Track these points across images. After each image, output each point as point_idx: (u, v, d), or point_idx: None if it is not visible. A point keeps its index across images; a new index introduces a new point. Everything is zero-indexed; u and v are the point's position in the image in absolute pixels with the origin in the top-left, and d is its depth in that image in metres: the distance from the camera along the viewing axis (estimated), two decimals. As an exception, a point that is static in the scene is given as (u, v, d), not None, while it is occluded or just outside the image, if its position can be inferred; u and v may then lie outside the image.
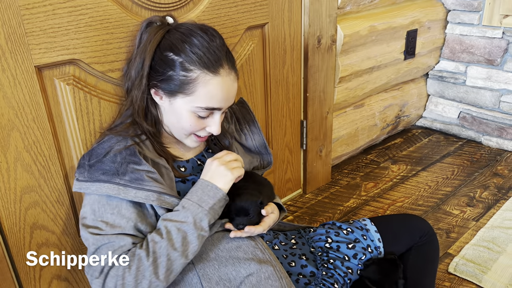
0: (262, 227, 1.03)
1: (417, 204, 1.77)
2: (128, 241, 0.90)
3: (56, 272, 1.15)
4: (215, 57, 0.93)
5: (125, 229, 0.90)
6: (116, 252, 0.89)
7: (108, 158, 0.92)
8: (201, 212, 0.91)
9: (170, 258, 0.88)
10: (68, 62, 1.01)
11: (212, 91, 0.94)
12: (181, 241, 0.89)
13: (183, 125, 0.98)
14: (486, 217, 1.66)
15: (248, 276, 0.95)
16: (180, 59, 0.92)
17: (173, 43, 0.94)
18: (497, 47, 2.08)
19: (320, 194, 1.87)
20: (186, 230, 0.90)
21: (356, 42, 1.82)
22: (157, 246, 0.88)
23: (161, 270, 0.87)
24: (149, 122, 1.00)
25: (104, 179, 0.90)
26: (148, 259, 0.87)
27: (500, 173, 1.99)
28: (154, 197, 0.91)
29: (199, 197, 0.93)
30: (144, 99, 0.98)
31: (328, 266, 1.11)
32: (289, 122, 1.68)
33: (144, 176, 0.91)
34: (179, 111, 0.96)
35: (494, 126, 2.21)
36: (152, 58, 0.95)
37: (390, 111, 2.26)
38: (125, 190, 0.89)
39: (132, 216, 0.91)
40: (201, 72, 0.92)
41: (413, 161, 2.12)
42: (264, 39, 1.45)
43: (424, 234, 1.24)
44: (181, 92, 0.94)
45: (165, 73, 0.94)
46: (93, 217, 0.91)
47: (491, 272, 1.38)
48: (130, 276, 0.86)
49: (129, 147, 0.94)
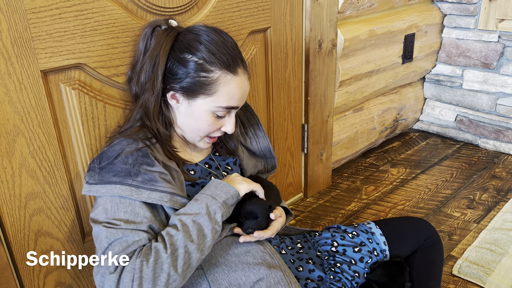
0: (271, 231, 1.03)
1: (418, 207, 1.77)
2: (143, 236, 0.87)
3: (60, 279, 1.13)
4: (233, 57, 0.95)
5: (140, 226, 0.88)
6: (132, 247, 0.85)
7: (120, 160, 0.91)
8: (215, 204, 0.91)
9: (188, 250, 0.86)
10: (73, 66, 1.00)
11: (232, 91, 0.96)
12: (197, 233, 0.88)
13: (201, 126, 0.99)
14: (487, 219, 1.67)
15: (258, 281, 0.94)
16: (200, 60, 0.93)
17: (189, 44, 0.94)
18: (493, 51, 2.11)
19: (321, 198, 1.87)
20: (201, 222, 0.89)
21: (356, 46, 1.83)
22: (173, 238, 0.86)
23: (179, 263, 0.85)
24: (162, 125, 1.00)
25: (116, 181, 0.88)
26: (166, 251, 0.84)
27: (498, 175, 2.00)
28: (167, 198, 0.90)
29: (212, 191, 0.94)
30: (158, 103, 0.98)
31: (335, 270, 1.11)
32: (291, 126, 1.69)
33: (157, 177, 0.90)
34: (198, 112, 0.97)
35: (491, 129, 2.23)
36: (166, 62, 0.95)
37: (388, 114, 2.27)
38: (138, 191, 0.88)
39: (146, 215, 0.89)
40: (222, 73, 0.94)
41: (412, 164, 2.13)
42: (267, 43, 1.45)
43: (429, 237, 1.24)
44: (202, 93, 0.94)
45: (183, 75, 0.94)
46: (105, 216, 0.88)
47: (495, 273, 1.38)
48: (148, 269, 0.83)
49: (140, 149, 0.93)
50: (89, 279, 1.19)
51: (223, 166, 1.13)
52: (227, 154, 1.16)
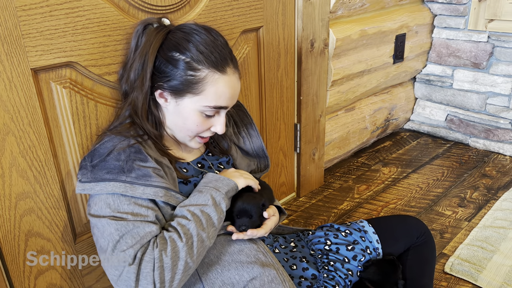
0: (264, 229, 1.02)
1: (409, 206, 1.78)
2: (154, 228, 0.87)
3: (51, 281, 1.11)
4: (222, 56, 0.94)
5: (148, 217, 0.87)
6: (145, 238, 0.85)
7: (112, 157, 0.90)
8: (219, 196, 0.93)
9: (201, 238, 0.88)
10: (64, 64, 0.99)
11: (220, 90, 0.94)
12: (206, 222, 0.90)
13: (189, 126, 0.98)
14: (478, 217, 1.69)
15: (252, 279, 0.94)
16: (187, 58, 0.92)
17: (178, 42, 0.93)
18: (482, 51, 2.13)
19: (314, 197, 1.87)
20: (209, 212, 0.91)
21: (348, 46, 1.83)
22: (186, 228, 0.88)
23: (194, 251, 0.87)
24: (150, 124, 0.99)
25: (109, 178, 0.87)
26: (182, 240, 0.86)
27: (488, 174, 2.02)
28: (162, 193, 0.89)
29: (214, 184, 0.96)
30: (146, 101, 0.97)
31: (328, 269, 1.11)
32: (283, 126, 1.69)
33: (151, 172, 0.89)
34: (186, 111, 0.96)
35: (481, 128, 2.25)
36: (154, 60, 0.94)
37: (379, 114, 2.28)
38: (132, 187, 0.87)
39: (150, 205, 0.89)
40: (209, 71, 0.92)
41: (403, 163, 2.15)
42: (259, 43, 1.45)
43: (421, 235, 1.25)
44: (189, 91, 0.93)
45: (171, 74, 0.93)
46: (109, 210, 0.87)
47: (486, 271, 1.39)
48: (167, 257, 0.84)
49: (133, 145, 0.92)
50: (80, 280, 1.17)
51: (216, 166, 1.12)
52: (220, 153, 1.15)
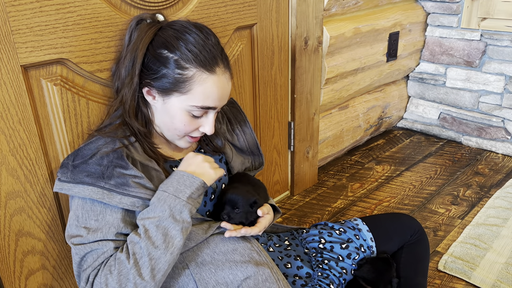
0: (258, 228, 1.02)
1: (403, 204, 1.79)
2: (110, 247, 0.87)
3: (42, 281, 1.10)
4: (211, 55, 0.92)
5: (107, 235, 0.88)
6: (99, 260, 0.87)
7: (94, 160, 0.89)
8: (179, 204, 0.87)
9: (153, 257, 0.84)
10: (55, 61, 0.97)
11: (208, 90, 0.92)
12: (162, 238, 0.85)
13: (176, 125, 0.96)
14: (471, 215, 1.70)
15: (246, 279, 0.93)
16: (175, 56, 0.90)
17: (167, 40, 0.91)
18: (475, 49, 2.14)
19: (308, 196, 1.87)
20: (166, 225, 0.86)
21: (341, 44, 1.83)
22: (136, 247, 0.85)
23: (145, 271, 0.84)
24: (139, 122, 0.97)
25: (88, 182, 0.86)
26: (129, 262, 0.84)
27: (481, 172, 2.03)
28: (139, 203, 0.88)
29: (175, 187, 0.89)
30: (135, 99, 0.95)
31: (323, 267, 1.11)
32: (277, 124, 1.68)
33: (129, 181, 0.88)
34: (173, 110, 0.94)
35: (473, 126, 2.26)
36: (144, 56, 0.93)
37: (373, 112, 2.28)
38: (110, 195, 0.86)
39: (115, 223, 0.88)
40: (197, 71, 0.90)
41: (397, 161, 2.15)
42: (253, 40, 1.44)
43: (415, 233, 1.25)
44: (176, 90, 0.92)
45: (159, 71, 0.91)
46: (76, 223, 0.89)
47: (479, 268, 1.40)
48: (113, 281, 0.84)
49: (116, 149, 0.91)
50: (72, 280, 1.16)
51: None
52: (213, 151, 1.14)
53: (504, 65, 2.07)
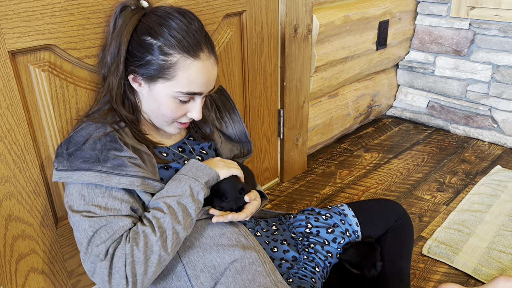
0: (245, 213, 1.03)
1: (390, 190, 1.82)
2: (127, 221, 0.88)
3: (33, 265, 1.11)
4: (195, 40, 0.92)
5: (122, 211, 0.88)
6: (119, 232, 0.87)
7: (88, 146, 0.90)
8: (198, 186, 0.94)
9: (176, 231, 0.90)
10: (43, 47, 0.98)
11: (193, 75, 0.93)
12: (183, 214, 0.91)
13: (163, 111, 0.97)
14: (456, 201, 1.73)
15: (233, 262, 0.96)
16: (159, 43, 0.91)
17: (150, 26, 0.92)
18: (464, 38, 2.16)
19: (297, 183, 1.90)
20: (186, 204, 0.92)
21: (331, 32, 1.84)
22: (161, 221, 0.88)
23: (169, 244, 0.88)
24: (127, 109, 0.98)
25: (85, 167, 0.87)
26: (156, 234, 0.87)
27: (467, 159, 2.07)
28: (138, 182, 0.90)
29: (194, 173, 0.95)
30: (121, 86, 0.96)
31: (309, 251, 1.13)
32: (267, 111, 1.69)
33: (126, 162, 0.89)
34: (159, 96, 0.95)
35: (461, 115, 2.30)
36: (128, 43, 0.93)
37: (362, 100, 2.30)
38: (108, 177, 0.87)
39: (125, 198, 0.89)
40: (181, 56, 0.91)
41: (385, 149, 2.18)
42: (242, 27, 1.44)
43: (399, 218, 1.28)
44: (160, 77, 0.92)
45: (143, 58, 0.92)
46: (83, 202, 0.88)
47: (462, 252, 1.44)
48: (139, 252, 0.85)
49: (109, 133, 0.92)
50: (62, 264, 1.18)
51: (198, 151, 1.13)
52: (202, 138, 1.15)
53: (491, 54, 2.10)
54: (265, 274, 0.96)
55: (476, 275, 1.35)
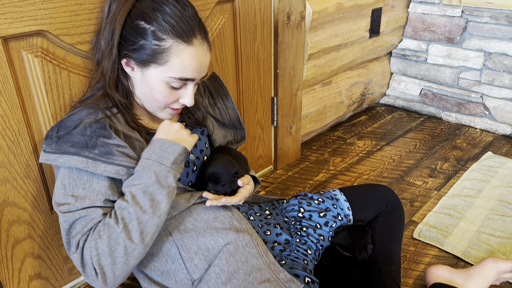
0: (238, 197, 1.05)
1: (382, 177, 1.84)
2: (98, 213, 0.91)
3: (29, 250, 1.13)
4: (188, 26, 0.92)
5: (95, 202, 0.90)
6: (88, 225, 0.90)
7: (78, 131, 0.91)
8: (164, 170, 0.91)
9: (142, 221, 0.88)
10: (35, 33, 0.98)
11: (186, 61, 0.93)
12: (150, 202, 0.89)
13: (156, 96, 0.97)
14: (447, 187, 1.76)
15: (226, 244, 0.97)
16: (152, 27, 0.91)
17: (144, 11, 0.92)
18: (456, 26, 2.17)
19: (291, 170, 1.91)
20: (153, 191, 0.89)
21: (324, 19, 1.84)
22: (124, 212, 0.89)
23: (134, 234, 0.88)
24: (120, 94, 0.99)
25: (73, 152, 0.89)
26: (119, 226, 0.88)
27: (459, 146, 2.10)
28: (123, 171, 0.91)
29: (158, 155, 0.92)
30: (114, 70, 0.96)
31: (301, 234, 1.15)
32: (260, 99, 1.70)
33: (113, 150, 0.90)
34: (152, 81, 0.95)
35: (453, 102, 2.32)
36: (122, 27, 0.93)
37: (355, 88, 2.32)
38: (94, 163, 0.89)
39: (102, 190, 0.91)
40: (174, 41, 0.91)
41: (378, 136, 2.20)
42: (235, 14, 1.45)
43: (390, 202, 1.30)
44: (153, 61, 0.93)
45: (136, 43, 0.92)
46: (63, 192, 0.91)
47: (452, 236, 1.47)
48: (103, 245, 0.87)
49: (99, 120, 0.93)
50: (58, 249, 1.19)
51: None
52: (195, 124, 1.16)
53: (483, 42, 2.11)
54: (258, 256, 0.98)
55: (465, 258, 1.38)
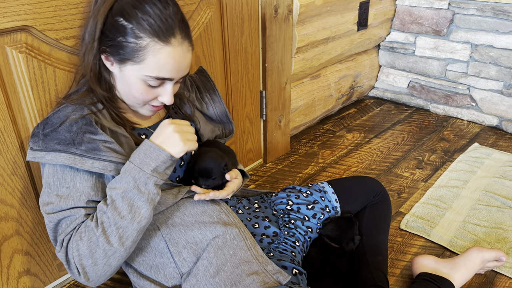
0: (226, 191, 1.06)
1: (370, 169, 1.86)
2: (81, 213, 0.92)
3: (18, 247, 1.13)
4: (167, 25, 0.90)
5: (78, 203, 0.91)
6: (72, 226, 0.92)
7: (64, 128, 0.91)
8: (143, 176, 0.89)
9: (120, 226, 0.88)
10: (19, 29, 0.97)
11: (162, 61, 0.91)
12: (128, 208, 0.88)
13: (133, 93, 0.96)
14: (434, 178, 1.78)
15: (214, 238, 0.98)
16: (130, 25, 0.89)
17: (124, 8, 0.90)
18: (443, 18, 2.19)
19: (280, 163, 1.92)
20: (131, 196, 0.88)
21: (312, 12, 1.85)
22: (104, 216, 0.89)
23: (113, 239, 0.89)
24: (103, 87, 0.98)
25: (60, 149, 0.89)
26: (98, 230, 0.89)
27: (446, 137, 2.12)
28: (111, 167, 0.91)
29: (141, 159, 0.90)
30: (96, 64, 0.96)
31: (289, 226, 1.17)
32: (249, 93, 1.71)
33: (100, 146, 0.90)
34: (129, 78, 0.94)
35: (441, 94, 2.34)
36: (104, 22, 0.92)
37: (344, 82, 2.33)
38: (82, 160, 0.89)
39: (85, 191, 0.92)
40: (151, 40, 0.90)
41: (366, 129, 2.22)
42: (222, 7, 1.44)
43: (377, 194, 1.32)
44: (130, 59, 0.92)
45: (114, 39, 0.91)
46: (48, 190, 0.92)
47: (438, 226, 1.49)
48: (84, 246, 0.89)
49: (85, 116, 0.93)
50: (47, 245, 1.19)
51: None
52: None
53: (470, 34, 2.13)
54: (246, 248, 0.99)
55: (451, 247, 1.40)
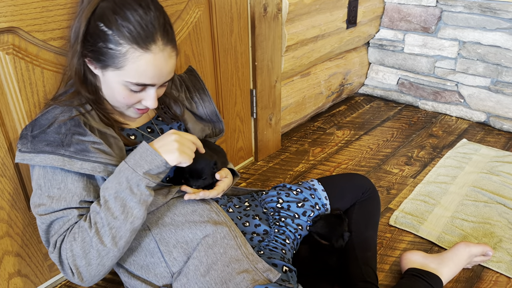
0: (217, 191, 1.06)
1: (360, 165, 1.88)
2: (74, 214, 0.92)
3: (8, 248, 1.12)
4: (147, 32, 0.89)
5: (70, 203, 0.91)
6: (65, 226, 0.91)
7: (52, 129, 0.91)
8: (135, 177, 0.88)
9: (113, 226, 0.88)
10: (6, 30, 0.97)
11: (142, 68, 0.90)
12: (121, 208, 0.88)
13: (116, 97, 0.96)
14: (423, 174, 1.80)
15: (205, 237, 0.99)
16: (110, 31, 0.88)
17: (105, 13, 0.89)
18: (431, 15, 2.21)
19: (271, 161, 1.93)
20: (124, 197, 0.88)
21: (301, 10, 1.86)
22: (97, 217, 0.89)
23: (106, 239, 0.89)
24: (89, 89, 0.98)
25: (49, 150, 0.89)
26: (91, 230, 0.89)
27: (435, 134, 2.15)
28: (100, 168, 0.91)
29: (136, 161, 0.90)
30: (80, 66, 0.95)
31: (279, 224, 1.18)
32: (239, 91, 1.71)
33: (89, 147, 0.90)
34: (111, 83, 0.94)
35: (429, 91, 2.36)
36: (87, 26, 0.91)
37: (334, 79, 2.34)
38: (71, 161, 0.89)
39: (77, 191, 0.92)
40: (130, 47, 0.88)
41: (356, 126, 2.24)
42: (211, 6, 1.45)
43: (366, 191, 1.34)
44: (110, 65, 0.91)
45: (95, 44, 0.90)
46: (40, 192, 0.92)
47: (427, 222, 1.51)
48: (77, 247, 0.89)
49: (73, 117, 0.93)
50: (37, 246, 1.19)
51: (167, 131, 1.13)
52: (171, 119, 1.16)
53: (457, 31, 2.15)
54: (236, 247, 1.00)
55: (439, 243, 1.42)
